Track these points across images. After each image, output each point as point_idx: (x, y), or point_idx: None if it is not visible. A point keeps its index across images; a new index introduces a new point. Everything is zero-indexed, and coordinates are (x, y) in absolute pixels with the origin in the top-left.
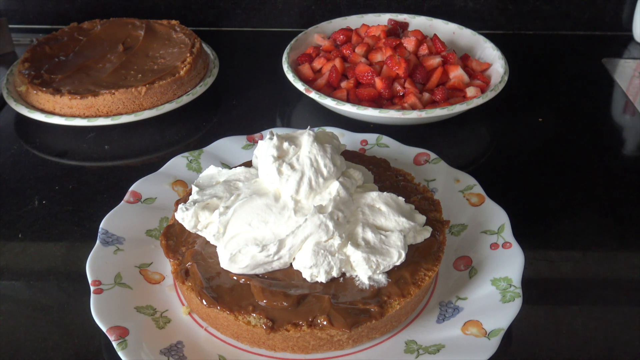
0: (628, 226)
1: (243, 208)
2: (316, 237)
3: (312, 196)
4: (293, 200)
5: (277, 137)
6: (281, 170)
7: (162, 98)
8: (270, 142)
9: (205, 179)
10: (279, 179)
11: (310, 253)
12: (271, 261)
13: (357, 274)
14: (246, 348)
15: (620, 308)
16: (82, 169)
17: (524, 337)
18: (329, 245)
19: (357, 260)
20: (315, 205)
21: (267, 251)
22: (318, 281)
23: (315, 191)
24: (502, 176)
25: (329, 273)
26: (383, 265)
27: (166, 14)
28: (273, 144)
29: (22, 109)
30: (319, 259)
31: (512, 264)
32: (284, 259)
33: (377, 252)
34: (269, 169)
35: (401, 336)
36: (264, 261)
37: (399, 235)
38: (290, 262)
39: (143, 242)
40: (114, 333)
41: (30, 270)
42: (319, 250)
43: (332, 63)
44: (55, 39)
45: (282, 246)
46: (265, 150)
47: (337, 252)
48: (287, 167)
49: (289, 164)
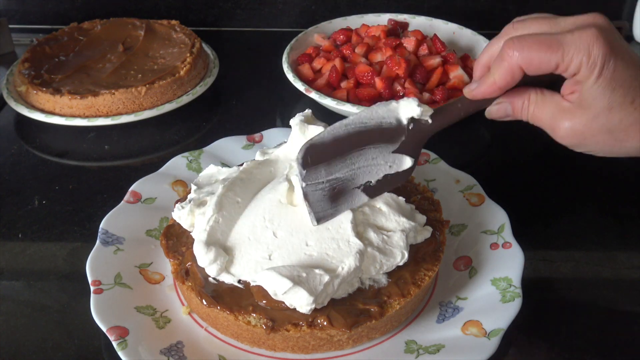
0: (628, 226)
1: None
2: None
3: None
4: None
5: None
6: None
7: (162, 98)
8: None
9: (204, 178)
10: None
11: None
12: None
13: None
14: (246, 348)
15: (620, 308)
16: (82, 169)
17: (524, 337)
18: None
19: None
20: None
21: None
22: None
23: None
24: (502, 176)
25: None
26: (387, 265)
27: (166, 14)
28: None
29: (22, 109)
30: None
31: (512, 264)
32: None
33: (381, 252)
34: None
35: (401, 336)
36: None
37: (402, 236)
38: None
39: (143, 242)
40: (114, 333)
41: (30, 270)
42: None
43: (332, 63)
44: (55, 39)
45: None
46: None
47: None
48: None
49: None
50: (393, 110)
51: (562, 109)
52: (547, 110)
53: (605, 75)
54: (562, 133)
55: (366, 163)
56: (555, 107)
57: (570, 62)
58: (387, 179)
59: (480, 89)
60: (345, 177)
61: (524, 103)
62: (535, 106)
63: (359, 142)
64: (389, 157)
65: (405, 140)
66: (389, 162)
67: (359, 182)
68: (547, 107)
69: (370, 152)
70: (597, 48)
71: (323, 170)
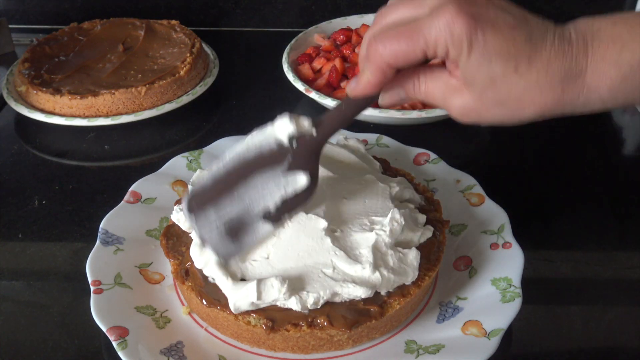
0: (628, 226)
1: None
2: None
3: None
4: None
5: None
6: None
7: (162, 98)
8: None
9: (201, 178)
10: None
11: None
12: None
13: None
14: (246, 348)
15: (620, 308)
16: (82, 169)
17: (524, 337)
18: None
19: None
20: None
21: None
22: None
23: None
24: (502, 176)
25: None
26: (397, 284)
27: (166, 14)
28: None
29: (22, 109)
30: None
31: (512, 264)
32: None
33: (395, 274)
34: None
35: (401, 336)
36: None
37: (417, 255)
38: None
39: (143, 242)
40: (114, 333)
41: (30, 270)
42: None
43: (332, 63)
44: (55, 39)
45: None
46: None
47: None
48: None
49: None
50: (269, 134)
51: (451, 87)
52: (438, 88)
53: (477, 48)
54: (456, 111)
55: (257, 192)
56: (444, 85)
57: (435, 46)
58: (286, 202)
59: (359, 88)
60: (238, 212)
61: (414, 83)
62: (426, 84)
63: (243, 174)
64: (281, 180)
65: (293, 158)
66: (282, 184)
67: (256, 212)
68: (437, 85)
69: (258, 180)
70: (458, 24)
71: (212, 211)
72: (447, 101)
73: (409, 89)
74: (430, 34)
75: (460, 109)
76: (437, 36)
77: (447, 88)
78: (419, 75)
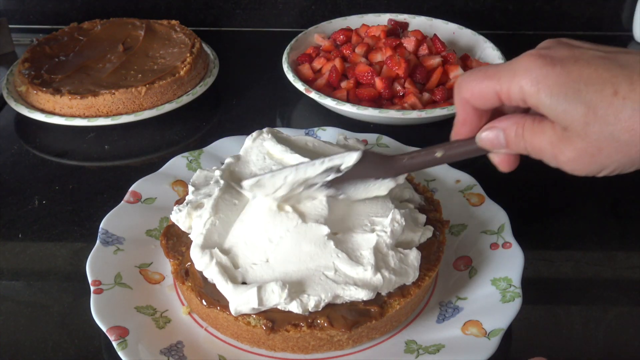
0: (628, 226)
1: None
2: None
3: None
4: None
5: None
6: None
7: (162, 98)
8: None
9: (200, 178)
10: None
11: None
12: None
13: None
14: (246, 348)
15: (620, 308)
16: (82, 169)
17: (524, 337)
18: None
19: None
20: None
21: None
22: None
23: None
24: (502, 176)
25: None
26: (398, 284)
27: (166, 14)
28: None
29: (22, 109)
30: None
31: (512, 264)
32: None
33: (397, 274)
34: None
35: (401, 336)
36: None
37: (417, 255)
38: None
39: (143, 242)
40: (114, 333)
41: (30, 270)
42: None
43: (332, 63)
44: (55, 39)
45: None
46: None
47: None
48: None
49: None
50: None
51: (557, 137)
52: (545, 137)
53: (556, 81)
54: (568, 164)
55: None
56: (549, 137)
57: (509, 87)
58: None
59: (454, 129)
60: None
61: (516, 130)
62: (532, 133)
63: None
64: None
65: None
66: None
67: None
68: (545, 134)
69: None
70: (533, 63)
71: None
72: (556, 154)
73: (509, 135)
74: (505, 75)
75: (572, 159)
76: (511, 77)
77: (553, 139)
78: (524, 121)
